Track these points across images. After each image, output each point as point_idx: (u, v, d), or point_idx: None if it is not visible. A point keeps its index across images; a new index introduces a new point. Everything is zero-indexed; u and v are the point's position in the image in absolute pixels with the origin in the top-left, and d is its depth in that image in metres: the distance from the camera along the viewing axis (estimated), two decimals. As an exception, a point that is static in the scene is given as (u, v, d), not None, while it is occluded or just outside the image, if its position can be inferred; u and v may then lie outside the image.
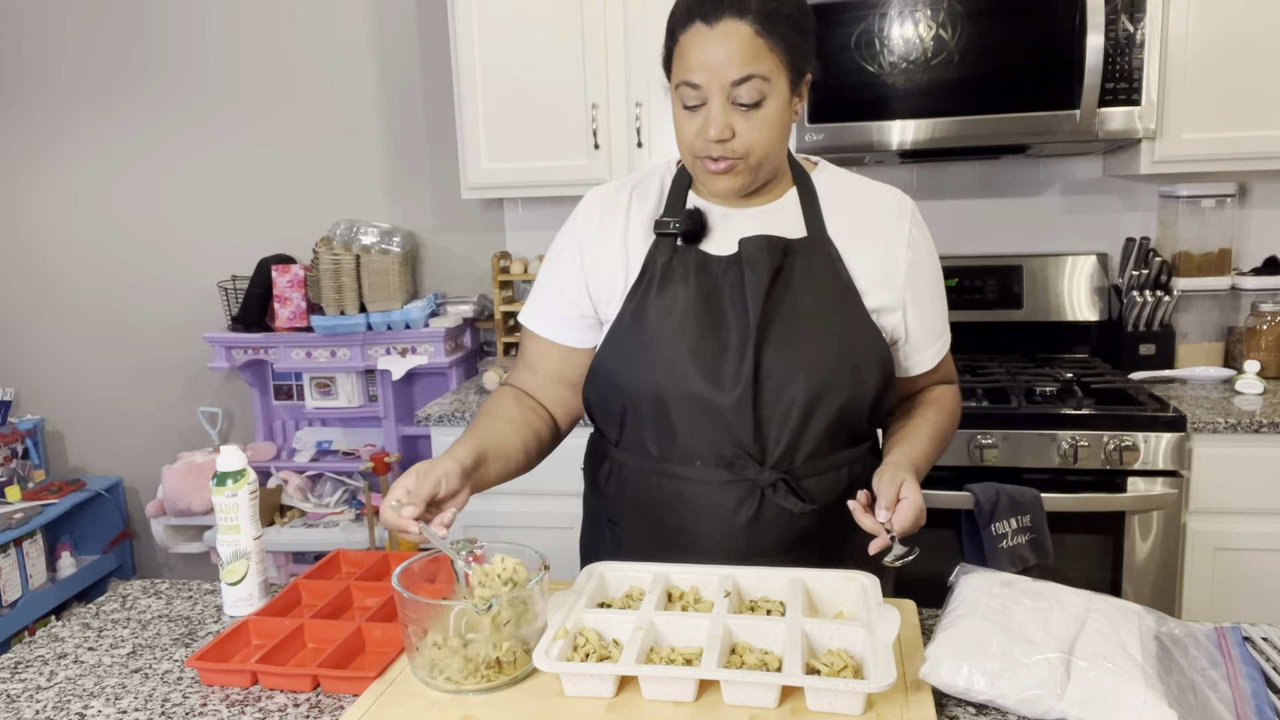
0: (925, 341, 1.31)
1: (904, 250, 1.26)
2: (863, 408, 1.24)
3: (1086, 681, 0.93)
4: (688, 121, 1.19)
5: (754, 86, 1.14)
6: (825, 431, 1.22)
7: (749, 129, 1.16)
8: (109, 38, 3.12)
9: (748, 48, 1.13)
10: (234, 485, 1.25)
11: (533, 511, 2.42)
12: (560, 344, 1.33)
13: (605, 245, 1.28)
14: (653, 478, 1.26)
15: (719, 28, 1.13)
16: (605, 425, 1.32)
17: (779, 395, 1.19)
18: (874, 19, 2.25)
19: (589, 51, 2.51)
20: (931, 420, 1.30)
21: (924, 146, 2.31)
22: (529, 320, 1.35)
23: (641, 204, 1.30)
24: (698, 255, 1.24)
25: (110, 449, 3.37)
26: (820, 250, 1.24)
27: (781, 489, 1.20)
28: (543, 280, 1.35)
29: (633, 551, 1.28)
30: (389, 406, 2.94)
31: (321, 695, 1.07)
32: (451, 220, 3.04)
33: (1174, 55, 2.25)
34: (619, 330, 1.25)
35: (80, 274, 3.28)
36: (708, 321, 1.21)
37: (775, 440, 1.20)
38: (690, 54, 1.15)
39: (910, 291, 1.27)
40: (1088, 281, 2.62)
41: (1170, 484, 2.08)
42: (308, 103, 3.05)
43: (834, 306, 1.22)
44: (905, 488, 1.12)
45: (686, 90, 1.17)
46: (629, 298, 1.25)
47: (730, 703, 0.97)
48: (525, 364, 1.37)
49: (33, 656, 1.19)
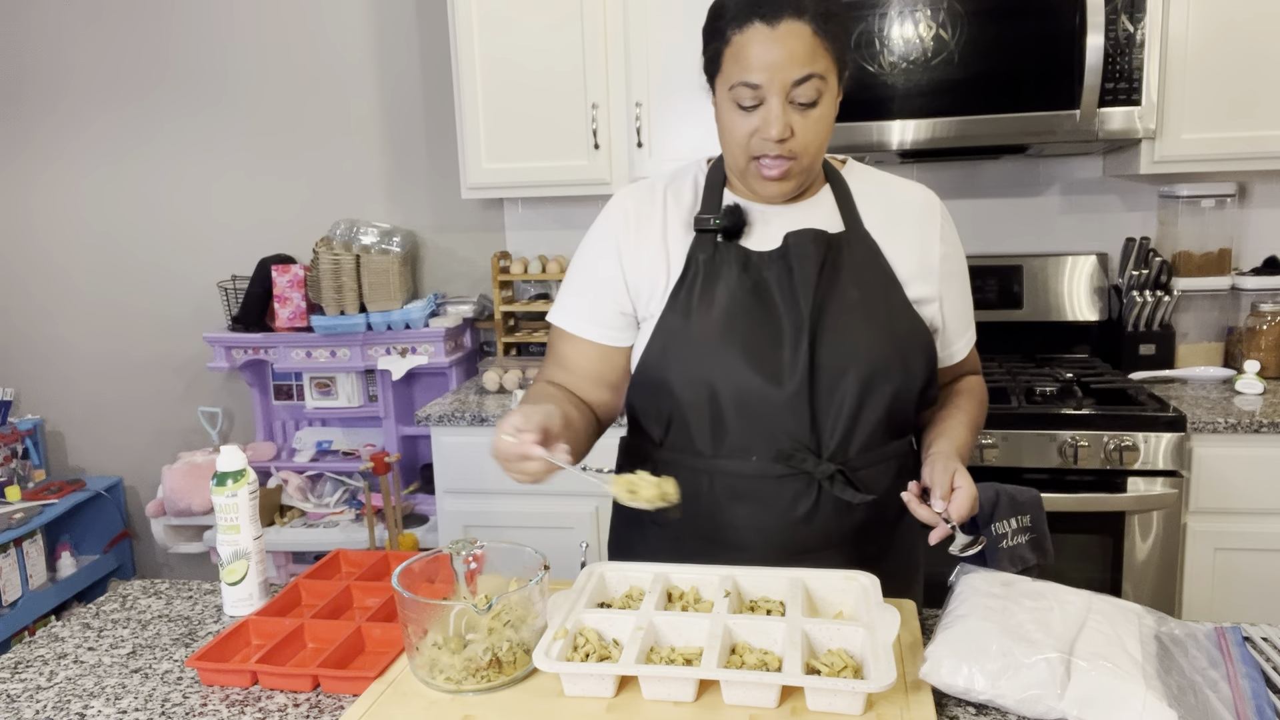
0: (958, 332, 1.34)
1: (937, 244, 1.28)
2: (911, 397, 1.25)
3: (1086, 681, 0.93)
4: (742, 121, 1.18)
5: (813, 86, 1.14)
6: (877, 422, 1.22)
7: (806, 128, 1.17)
8: (108, 40, 3.12)
9: (808, 47, 1.13)
10: (234, 485, 1.25)
11: (533, 511, 2.42)
12: (599, 343, 1.30)
13: (645, 243, 1.27)
14: (703, 476, 1.24)
15: (781, 27, 1.13)
16: (649, 425, 1.30)
17: (834, 387, 1.20)
18: (874, 19, 2.25)
19: (589, 51, 2.51)
20: (966, 410, 1.31)
21: (924, 146, 2.31)
22: (565, 321, 1.32)
23: (677, 202, 1.30)
24: (739, 251, 1.24)
25: (110, 449, 3.37)
26: (861, 243, 1.25)
27: (839, 481, 1.20)
28: (576, 280, 1.32)
29: (678, 551, 1.26)
30: (389, 406, 2.94)
31: (321, 695, 1.07)
32: (451, 220, 3.04)
33: (1174, 55, 2.25)
34: (665, 329, 1.24)
35: (80, 274, 3.28)
36: (758, 317, 1.21)
37: (830, 432, 1.21)
38: (749, 54, 1.14)
39: (944, 284, 1.29)
40: (1088, 281, 2.62)
41: (1170, 484, 2.08)
42: (308, 103, 3.05)
43: (879, 297, 1.23)
44: (958, 477, 1.13)
45: (743, 90, 1.16)
46: (673, 296, 1.24)
47: (730, 703, 0.97)
48: (560, 366, 1.34)
49: (33, 656, 1.19)
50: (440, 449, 2.45)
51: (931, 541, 1.14)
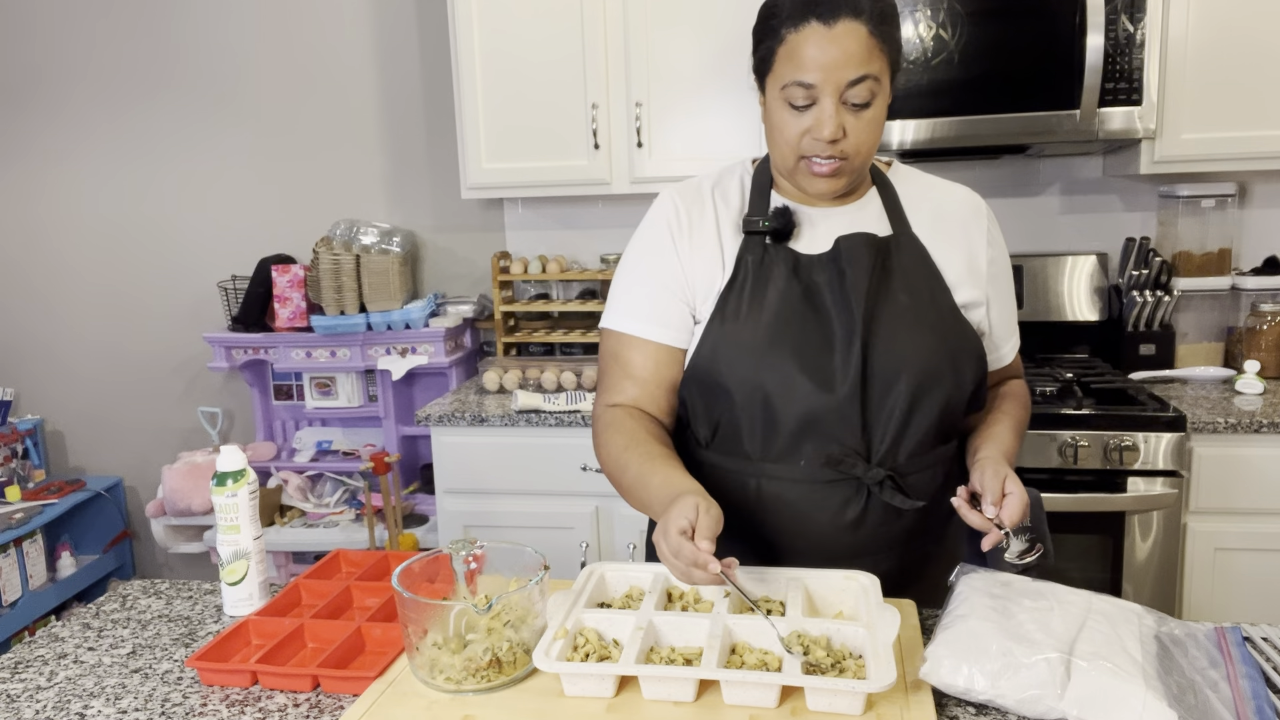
0: (1004, 336, 1.34)
1: (984, 247, 1.28)
2: (961, 403, 1.25)
3: (1086, 681, 0.93)
4: (794, 121, 1.17)
5: (867, 87, 1.14)
6: (928, 428, 1.22)
7: (858, 129, 1.16)
8: (110, 41, 3.12)
9: (864, 48, 1.12)
10: (234, 485, 1.25)
11: (533, 511, 2.42)
12: (665, 344, 1.26)
13: (701, 242, 1.26)
14: (751, 479, 1.23)
15: (838, 28, 1.12)
16: (697, 427, 1.28)
17: (885, 393, 1.19)
18: (874, 19, 2.25)
19: (589, 51, 2.51)
20: (1012, 414, 1.31)
21: (924, 146, 2.31)
22: (627, 325, 1.27)
23: (725, 202, 1.28)
24: (789, 254, 1.23)
25: (110, 449, 3.37)
26: (910, 246, 1.25)
27: (888, 487, 1.20)
28: (635, 283, 1.28)
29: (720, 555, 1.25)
30: (389, 406, 2.94)
31: (321, 695, 1.07)
32: (451, 220, 3.04)
33: (1174, 55, 2.25)
34: (717, 331, 1.23)
35: (80, 274, 3.28)
36: (810, 321, 1.20)
37: (881, 438, 1.20)
38: (804, 53, 1.13)
39: (992, 287, 1.28)
40: (1088, 281, 2.62)
41: (1170, 484, 2.08)
42: (308, 103, 3.05)
43: (929, 303, 1.23)
44: (1009, 482, 1.13)
45: (796, 90, 1.15)
46: (723, 297, 1.23)
47: (730, 703, 0.97)
48: (626, 375, 1.28)
49: (33, 656, 1.19)
50: (440, 449, 2.45)
51: (984, 548, 1.12)
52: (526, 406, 2.38)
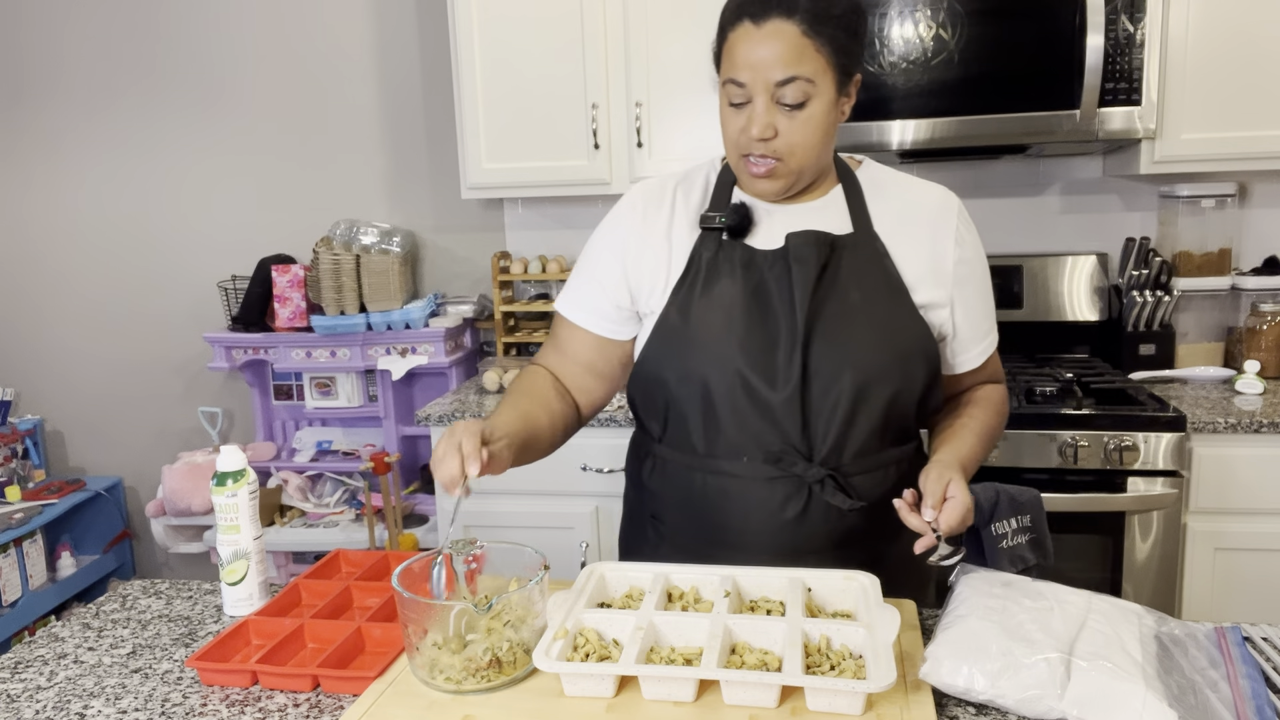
0: (972, 339, 1.31)
1: (952, 247, 1.26)
2: (910, 404, 1.24)
3: (1086, 681, 0.93)
4: (733, 118, 1.19)
5: (798, 87, 1.14)
6: (873, 428, 1.21)
7: (791, 129, 1.16)
8: (108, 38, 3.12)
9: (793, 48, 1.13)
10: (234, 485, 1.25)
11: (533, 511, 2.42)
12: (595, 334, 1.33)
13: (648, 239, 1.28)
14: (697, 474, 1.25)
15: (766, 27, 1.13)
16: (649, 420, 1.32)
17: (827, 391, 1.19)
18: (874, 19, 2.25)
19: (589, 51, 2.51)
20: (978, 419, 1.29)
21: (924, 146, 2.31)
22: (564, 308, 1.35)
23: (686, 199, 1.30)
24: (744, 250, 1.24)
25: (110, 449, 3.37)
26: (867, 245, 1.24)
27: (829, 485, 1.20)
28: (581, 270, 1.35)
29: (676, 548, 1.27)
30: (389, 406, 2.94)
31: (321, 695, 1.07)
32: (451, 220, 3.04)
33: (1174, 55, 2.25)
34: (665, 325, 1.25)
35: (81, 274, 3.28)
36: (756, 317, 1.21)
37: (823, 436, 1.20)
38: (737, 52, 1.15)
39: (958, 289, 1.26)
40: (1088, 281, 2.62)
41: (1170, 484, 2.08)
42: (308, 103, 3.05)
43: (881, 302, 1.22)
44: (952, 486, 1.11)
45: (732, 88, 1.17)
46: (674, 292, 1.25)
47: (730, 703, 0.97)
48: (557, 349, 1.37)
49: (33, 656, 1.19)
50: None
51: (916, 550, 1.12)
52: (526, 406, 2.38)
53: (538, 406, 1.28)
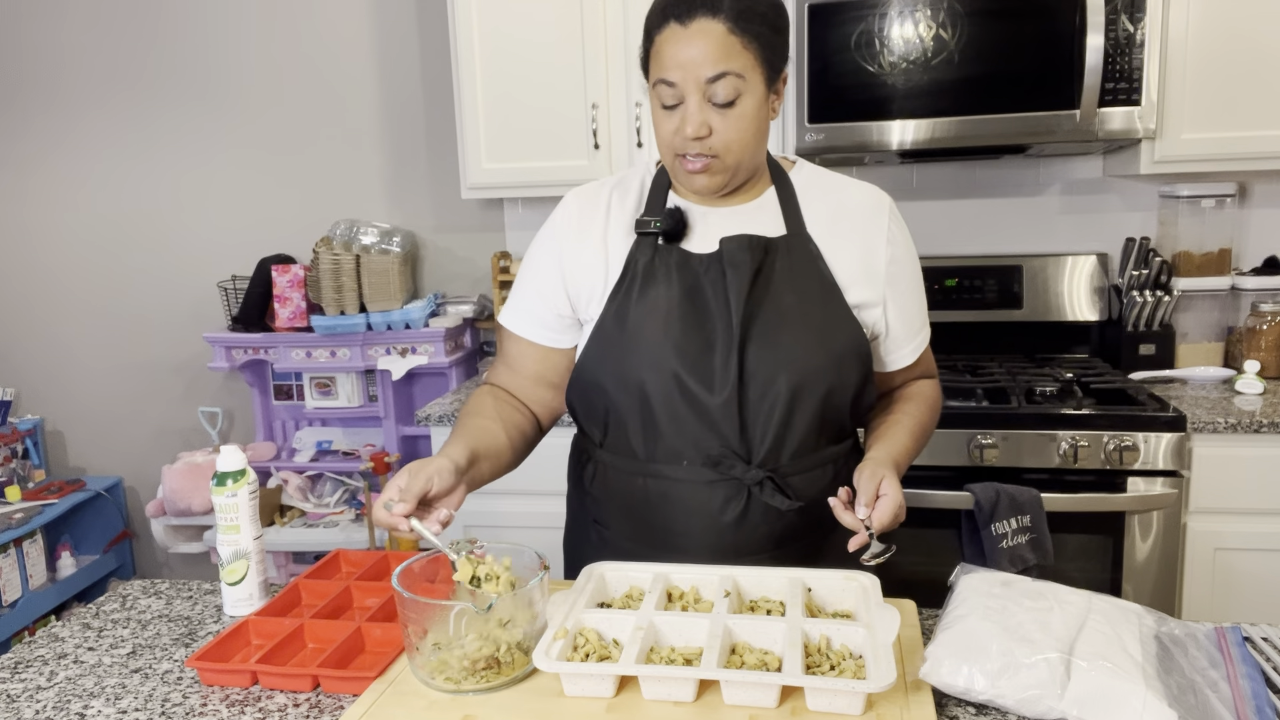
0: (905, 337, 1.32)
1: (883, 246, 1.27)
2: (845, 403, 1.25)
3: (1086, 681, 0.93)
4: (666, 120, 1.20)
5: (729, 84, 1.15)
6: (809, 428, 1.22)
7: (725, 127, 1.17)
8: (109, 38, 3.12)
9: (721, 46, 1.14)
10: (234, 485, 1.25)
11: (532, 511, 2.42)
12: (539, 344, 1.33)
13: (585, 245, 1.28)
14: (638, 478, 1.26)
15: (692, 26, 1.14)
16: (589, 426, 1.33)
17: (764, 394, 1.20)
18: (874, 19, 2.25)
19: (589, 51, 2.51)
20: (912, 415, 1.30)
21: (924, 146, 2.31)
22: (507, 321, 1.36)
23: (621, 204, 1.30)
24: (679, 254, 1.25)
25: (110, 449, 3.37)
26: (801, 247, 1.25)
27: (768, 487, 1.21)
28: (521, 281, 1.35)
29: (619, 552, 1.28)
30: (389, 406, 2.94)
31: (321, 695, 1.07)
32: (451, 220, 3.04)
33: (1174, 55, 2.25)
34: (602, 331, 1.26)
35: (81, 274, 3.28)
36: (692, 320, 1.21)
37: (761, 438, 1.21)
38: (665, 53, 1.16)
39: (890, 287, 1.27)
40: (1088, 281, 2.62)
41: (1170, 484, 2.08)
42: (308, 103, 3.05)
43: (815, 303, 1.23)
44: (885, 484, 1.12)
45: (663, 89, 1.18)
46: (611, 298, 1.25)
47: (730, 703, 0.97)
48: (505, 364, 1.38)
49: (33, 656, 1.19)
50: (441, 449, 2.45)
51: (850, 548, 1.12)
52: (526, 406, 2.38)
53: (488, 421, 1.28)
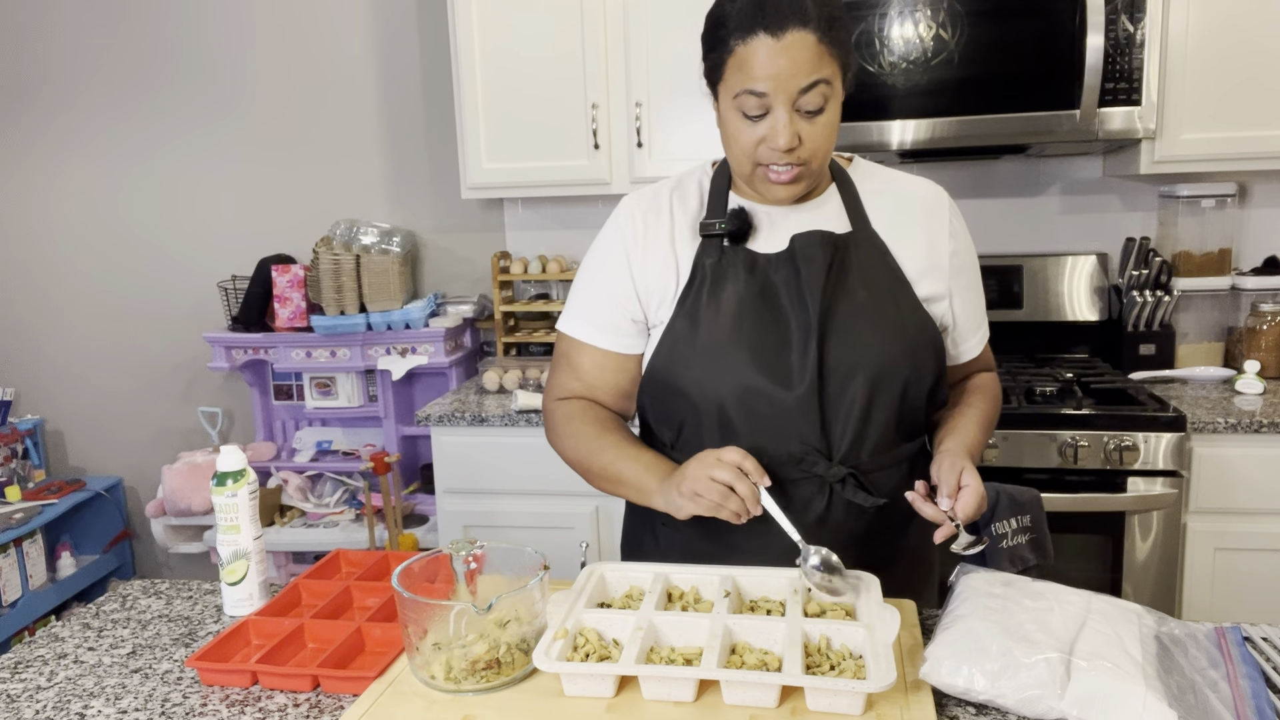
0: (970, 329, 1.33)
1: (946, 240, 1.28)
2: (921, 397, 1.25)
3: (1086, 681, 0.93)
4: (748, 130, 1.18)
5: (819, 93, 1.14)
6: (888, 423, 1.22)
7: (814, 134, 1.16)
8: (110, 38, 3.12)
9: (814, 56, 1.13)
10: (234, 485, 1.25)
11: (533, 511, 2.42)
12: (614, 351, 1.30)
13: (653, 249, 1.27)
14: None
15: (786, 38, 1.12)
16: (660, 428, 1.31)
17: (843, 389, 1.20)
18: (874, 19, 2.25)
19: (589, 51, 2.51)
20: (979, 408, 1.31)
21: (924, 146, 2.31)
22: (577, 330, 1.32)
23: (683, 207, 1.29)
24: (746, 254, 1.24)
25: (110, 449, 3.36)
26: (868, 243, 1.25)
27: (850, 484, 1.20)
28: (586, 288, 1.32)
29: (690, 554, 1.27)
30: (389, 406, 2.94)
31: (321, 695, 1.07)
32: (451, 220, 3.04)
33: (1174, 55, 2.25)
34: (674, 334, 1.25)
35: (80, 274, 3.28)
36: (766, 320, 1.21)
37: (841, 434, 1.20)
38: (754, 64, 1.14)
39: (955, 280, 1.28)
40: (1088, 281, 2.62)
41: (1170, 484, 2.08)
42: (308, 103, 3.05)
43: (888, 297, 1.23)
44: (965, 475, 1.13)
45: (748, 99, 1.16)
46: (681, 300, 1.25)
47: (730, 703, 0.97)
48: (575, 377, 1.33)
49: (33, 656, 1.19)
50: (440, 449, 2.45)
51: (937, 540, 1.13)
52: (526, 406, 2.38)
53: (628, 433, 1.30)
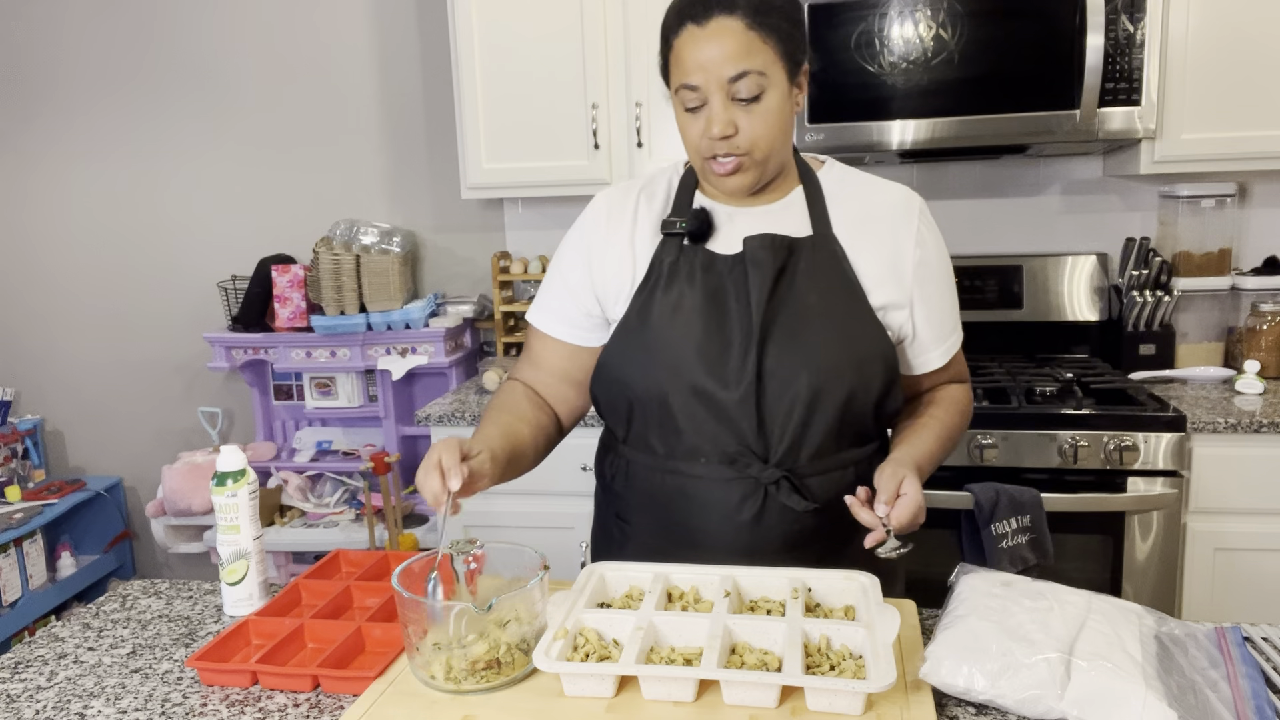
0: (934, 340, 1.31)
1: (912, 248, 1.26)
2: (866, 406, 1.24)
3: (1086, 681, 0.93)
4: (691, 124, 1.19)
5: (751, 81, 1.15)
6: (829, 430, 1.22)
7: (751, 124, 1.17)
8: (109, 37, 3.12)
9: (740, 43, 1.13)
10: (234, 485, 1.25)
11: (533, 511, 2.42)
12: (567, 342, 1.34)
13: (613, 245, 1.29)
14: (658, 474, 1.26)
15: (710, 26, 1.14)
16: (613, 422, 1.33)
17: (782, 393, 1.20)
18: (874, 19, 2.25)
19: (589, 51, 2.51)
20: (939, 419, 1.29)
21: (924, 146, 2.31)
22: (536, 319, 1.37)
23: (649, 205, 1.31)
24: (704, 254, 1.25)
25: (110, 449, 3.36)
26: (825, 248, 1.24)
27: (785, 487, 1.20)
28: (550, 280, 1.36)
29: (641, 548, 1.28)
30: (389, 406, 2.94)
31: (321, 695, 1.07)
32: (451, 220, 3.04)
33: (1174, 55, 2.25)
34: (625, 328, 1.26)
35: (80, 274, 3.28)
36: (713, 320, 1.22)
37: (779, 438, 1.21)
38: (685, 56, 1.16)
39: (918, 289, 1.26)
40: (1088, 281, 2.62)
41: (1170, 484, 2.08)
42: (308, 103, 3.05)
43: (838, 304, 1.22)
44: (906, 484, 1.12)
45: (686, 93, 1.18)
46: (635, 296, 1.26)
47: (730, 703, 0.97)
48: (531, 362, 1.39)
49: (33, 656, 1.19)
50: (440, 449, 2.45)
51: (867, 544, 1.12)
52: (526, 406, 2.38)
53: (517, 420, 1.29)
